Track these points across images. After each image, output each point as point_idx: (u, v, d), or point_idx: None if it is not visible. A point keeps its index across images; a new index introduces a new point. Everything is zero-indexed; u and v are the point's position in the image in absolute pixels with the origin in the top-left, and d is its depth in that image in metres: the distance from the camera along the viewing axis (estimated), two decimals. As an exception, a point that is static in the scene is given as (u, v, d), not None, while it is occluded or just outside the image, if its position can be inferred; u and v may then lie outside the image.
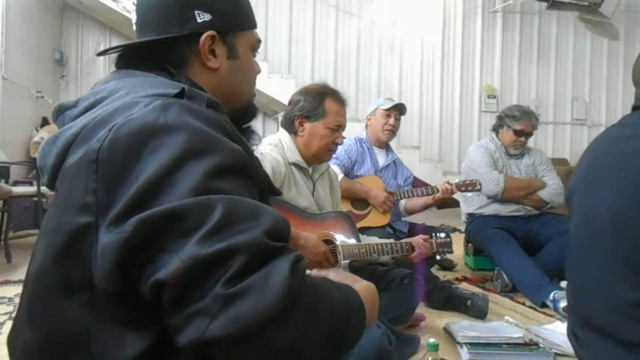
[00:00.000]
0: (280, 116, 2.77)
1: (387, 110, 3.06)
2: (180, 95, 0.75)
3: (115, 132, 0.67)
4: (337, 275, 0.89)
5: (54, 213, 0.73)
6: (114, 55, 0.93)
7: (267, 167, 1.86)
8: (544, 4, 6.38)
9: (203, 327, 0.55)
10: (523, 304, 2.80)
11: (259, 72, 1.03)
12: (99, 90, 0.81)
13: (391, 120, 3.07)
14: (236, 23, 0.94)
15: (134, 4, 0.93)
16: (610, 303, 1.15)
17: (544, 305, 2.72)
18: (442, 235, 2.25)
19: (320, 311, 0.63)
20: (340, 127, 2.08)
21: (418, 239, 2.16)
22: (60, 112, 0.84)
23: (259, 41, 1.00)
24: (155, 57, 0.88)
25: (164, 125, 0.67)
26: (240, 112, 0.97)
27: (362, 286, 0.82)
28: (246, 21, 0.97)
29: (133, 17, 0.94)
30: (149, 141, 0.65)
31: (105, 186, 0.65)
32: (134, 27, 0.94)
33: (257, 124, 1.34)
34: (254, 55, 1.00)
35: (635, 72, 1.29)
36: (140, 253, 0.60)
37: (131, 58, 0.90)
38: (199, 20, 0.88)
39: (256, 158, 0.80)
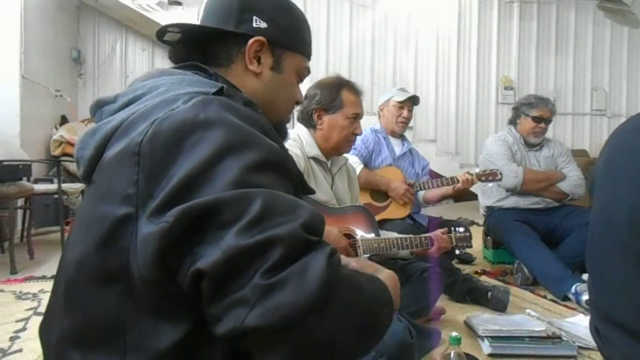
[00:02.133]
0: (296, 111, 2.77)
1: (401, 102, 3.04)
2: (219, 93, 0.77)
3: (157, 126, 0.69)
4: (360, 263, 0.90)
5: (93, 204, 0.75)
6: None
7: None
8: (562, -7, 6.27)
9: (242, 317, 0.56)
10: (544, 297, 2.77)
11: (300, 101, 1.07)
12: (138, 87, 0.83)
13: (405, 112, 3.06)
14: (289, 41, 0.99)
15: (204, 2, 0.99)
16: (631, 299, 1.12)
17: (565, 298, 2.69)
18: (462, 229, 2.23)
19: (355, 303, 0.64)
20: (358, 116, 2.09)
21: (437, 233, 2.14)
22: (99, 106, 0.86)
23: (308, 70, 1.04)
24: (205, 50, 0.94)
25: (204, 120, 0.68)
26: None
27: (385, 276, 0.82)
28: (300, 45, 1.01)
29: (187, 13, 1.00)
30: (190, 136, 0.67)
31: (147, 178, 0.67)
32: (199, 18, 0.99)
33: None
34: (299, 81, 1.04)
35: None
36: (180, 243, 0.62)
37: (183, 48, 0.96)
38: (254, 25, 0.94)
39: (290, 156, 0.81)
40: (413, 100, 3.08)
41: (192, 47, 0.95)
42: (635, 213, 1.11)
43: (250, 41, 0.93)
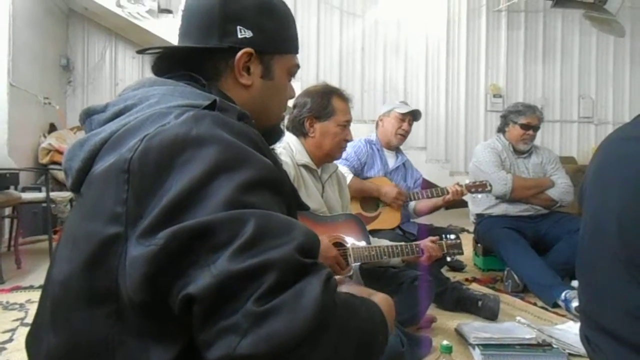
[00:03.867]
0: (285, 118, 2.77)
1: (403, 114, 3.04)
2: (211, 107, 0.75)
3: (147, 143, 0.67)
4: (351, 288, 0.89)
5: (81, 220, 0.73)
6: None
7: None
8: (549, 2, 6.36)
9: (233, 344, 0.54)
10: (534, 304, 2.78)
11: (292, 96, 1.04)
12: (129, 97, 0.81)
13: (405, 125, 3.05)
14: (276, 45, 0.95)
15: (182, 9, 0.95)
16: (621, 306, 1.13)
17: (555, 305, 2.70)
18: (452, 237, 2.24)
19: (351, 330, 0.62)
20: (349, 123, 2.11)
21: (428, 242, 2.15)
22: (88, 115, 0.84)
23: (297, 66, 1.01)
24: (191, 65, 0.89)
25: (197, 137, 0.66)
26: (266, 132, 0.96)
27: (379, 299, 0.81)
28: (287, 45, 0.98)
29: (177, 21, 0.96)
30: (182, 153, 0.65)
31: (137, 197, 0.65)
32: (178, 32, 0.96)
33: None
34: (290, 79, 1.01)
35: None
36: (171, 267, 0.59)
37: (169, 64, 0.92)
38: (239, 36, 0.90)
39: (284, 171, 0.79)
40: (414, 115, 3.09)
41: (177, 63, 0.91)
42: (624, 220, 1.12)
43: (239, 54, 0.89)
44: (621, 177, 1.16)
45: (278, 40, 0.96)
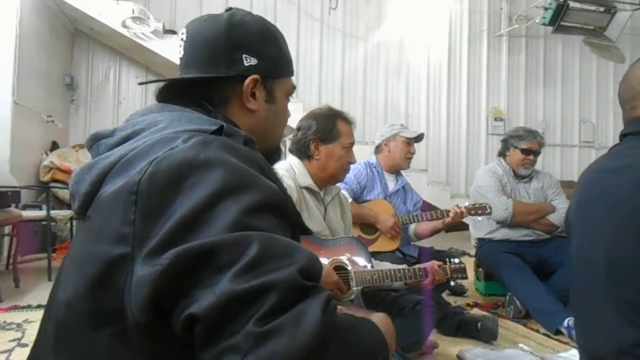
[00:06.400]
0: (287, 140, 2.77)
1: (409, 138, 3.05)
2: (218, 132, 0.77)
3: (155, 166, 0.68)
4: (350, 310, 0.88)
5: (87, 241, 0.73)
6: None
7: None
8: (549, 28, 6.43)
9: None
10: (537, 330, 2.75)
11: (289, 116, 1.07)
12: (137, 122, 0.82)
13: (412, 149, 3.08)
14: (278, 69, 0.99)
15: (182, 39, 0.97)
16: (616, 344, 1.12)
17: (558, 332, 2.67)
18: (457, 261, 2.23)
19: (351, 350, 0.63)
20: (352, 145, 2.13)
21: (432, 265, 2.13)
22: (96, 140, 0.85)
23: (294, 87, 1.05)
24: (197, 94, 0.91)
25: (204, 161, 0.68)
26: (268, 153, 0.99)
27: (379, 320, 0.81)
28: (287, 68, 1.02)
29: (179, 52, 0.97)
30: (189, 176, 0.66)
31: (144, 218, 0.66)
32: (179, 62, 0.97)
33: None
34: (288, 101, 1.04)
35: (622, 91, 1.27)
36: (174, 287, 0.60)
37: (173, 91, 0.93)
38: (245, 64, 0.92)
39: (289, 196, 0.80)
40: (418, 138, 3.11)
41: (182, 91, 0.92)
42: (612, 254, 1.11)
43: (247, 81, 0.92)
44: (605, 210, 1.16)
45: (278, 64, 0.99)
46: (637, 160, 1.17)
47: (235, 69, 0.92)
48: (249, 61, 0.92)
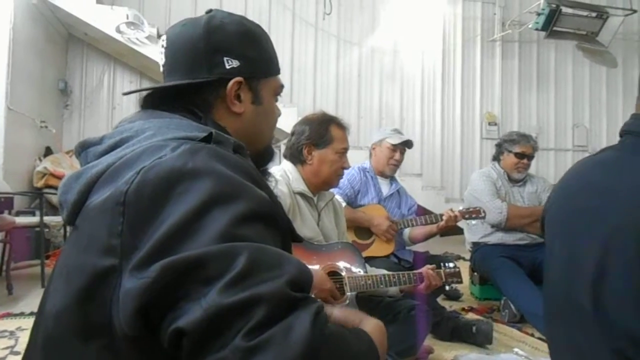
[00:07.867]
0: (282, 145, 2.77)
1: (394, 145, 3.03)
2: (207, 139, 0.75)
3: (143, 175, 0.67)
4: (344, 312, 0.88)
5: (75, 252, 0.72)
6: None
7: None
8: (542, 33, 6.47)
9: None
10: (532, 335, 2.75)
11: (279, 115, 1.05)
12: (125, 130, 0.81)
13: (397, 155, 3.02)
14: (262, 70, 0.97)
15: (162, 47, 0.95)
16: None
17: (553, 336, 2.67)
18: (451, 265, 2.23)
19: None
20: (346, 151, 2.12)
21: (427, 270, 2.13)
22: (84, 148, 0.83)
23: (282, 86, 1.03)
24: (181, 100, 0.90)
25: (192, 170, 0.67)
26: (259, 154, 0.98)
27: (371, 327, 0.81)
28: (271, 68, 1.00)
29: (161, 59, 0.96)
30: (177, 186, 0.65)
31: (131, 229, 0.64)
32: (162, 69, 0.96)
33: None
34: (277, 100, 1.03)
35: None
36: (162, 299, 0.59)
37: (158, 99, 0.92)
38: (227, 67, 0.90)
39: (279, 203, 0.79)
40: (406, 144, 3.08)
41: (165, 99, 0.91)
42: (600, 292, 0.95)
43: (230, 84, 0.90)
44: (589, 235, 1.02)
45: (262, 64, 0.97)
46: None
47: (217, 72, 0.90)
48: (231, 63, 0.91)
